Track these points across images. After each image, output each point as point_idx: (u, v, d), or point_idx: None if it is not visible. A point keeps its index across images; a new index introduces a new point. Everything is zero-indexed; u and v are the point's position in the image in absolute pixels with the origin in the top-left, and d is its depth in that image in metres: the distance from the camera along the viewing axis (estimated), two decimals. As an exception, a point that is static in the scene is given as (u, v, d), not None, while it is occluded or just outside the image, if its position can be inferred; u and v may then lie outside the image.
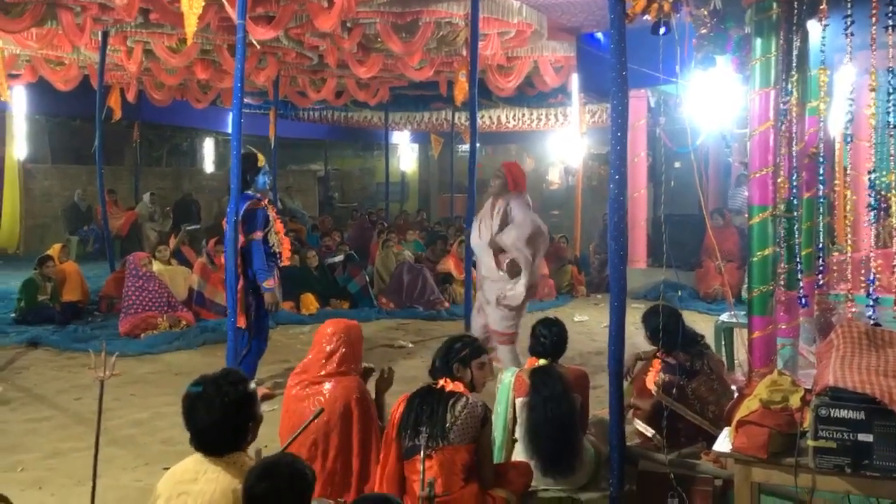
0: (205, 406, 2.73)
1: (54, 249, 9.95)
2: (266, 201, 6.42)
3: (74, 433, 5.47)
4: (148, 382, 6.81)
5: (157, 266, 9.32)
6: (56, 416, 5.90)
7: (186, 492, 2.72)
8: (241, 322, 6.09)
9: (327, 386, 4.09)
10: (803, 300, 4.52)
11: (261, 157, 6.40)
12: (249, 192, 6.24)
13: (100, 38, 10.15)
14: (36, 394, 6.49)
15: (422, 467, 3.26)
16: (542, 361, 4.35)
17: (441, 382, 3.70)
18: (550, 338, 4.38)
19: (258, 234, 6.17)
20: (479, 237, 6.74)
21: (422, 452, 3.27)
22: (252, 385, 2.96)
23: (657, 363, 4.68)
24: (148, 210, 15.70)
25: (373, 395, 4.31)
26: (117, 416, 5.80)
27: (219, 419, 2.73)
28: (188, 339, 8.28)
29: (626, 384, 4.57)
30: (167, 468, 2.91)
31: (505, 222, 6.54)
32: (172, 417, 5.67)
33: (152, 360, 7.60)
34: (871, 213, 3.95)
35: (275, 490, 2.50)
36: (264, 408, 5.81)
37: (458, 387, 3.71)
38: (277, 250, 6.36)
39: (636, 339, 6.83)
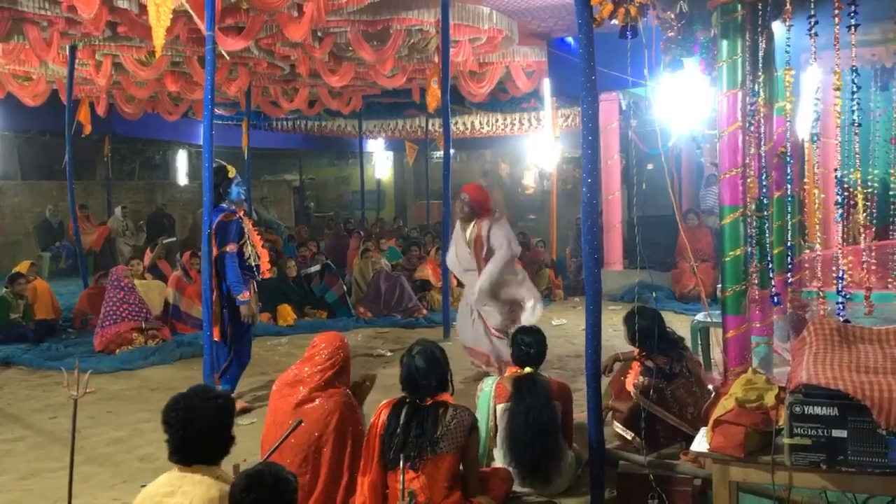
0: (199, 413, 2.76)
1: (23, 266, 9.79)
2: (241, 213, 6.36)
3: (50, 453, 5.39)
4: (124, 399, 6.73)
5: (130, 280, 9.22)
6: (31, 436, 5.82)
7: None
8: (216, 335, 6.04)
9: (318, 402, 3.99)
10: (776, 298, 4.58)
11: (231, 168, 6.35)
12: (224, 204, 6.21)
13: (67, 53, 10.06)
14: (9, 413, 6.39)
15: (402, 477, 3.26)
16: (527, 369, 4.37)
17: (430, 401, 3.69)
18: (534, 346, 4.40)
19: (232, 247, 6.10)
20: (458, 262, 6.84)
21: (401, 463, 3.27)
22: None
23: (636, 365, 4.71)
24: (119, 224, 15.54)
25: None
26: (94, 434, 5.72)
27: (214, 423, 2.78)
28: (164, 353, 8.18)
29: (603, 384, 4.59)
30: (145, 485, 2.89)
31: (482, 246, 6.59)
32: (150, 434, 5.61)
33: (128, 376, 7.50)
34: (839, 210, 4.00)
35: (262, 500, 2.51)
36: (243, 421, 5.83)
37: (445, 396, 3.73)
38: (254, 263, 6.29)
39: (614, 341, 6.87)
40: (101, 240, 15.10)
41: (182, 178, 21.48)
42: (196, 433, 2.75)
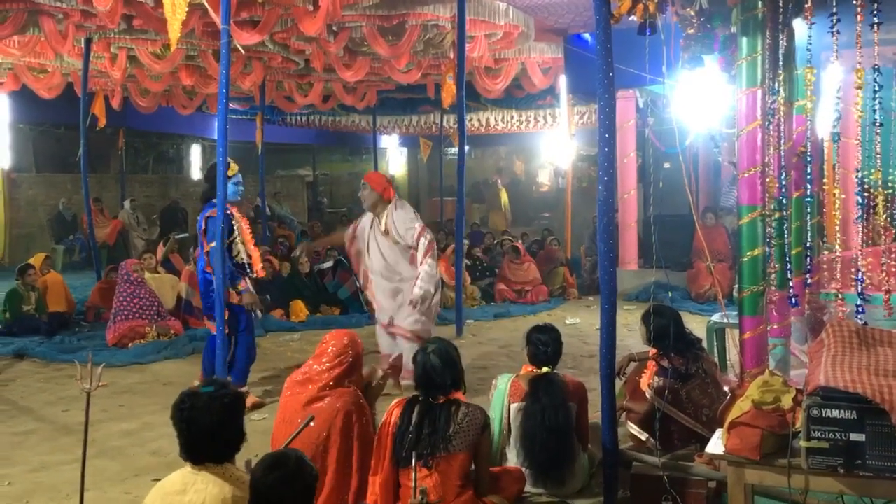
0: (205, 412, 2.74)
1: (36, 259, 9.83)
2: (234, 210, 6.18)
3: (62, 445, 5.40)
4: (136, 393, 6.74)
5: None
6: (43, 428, 5.83)
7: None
8: (212, 327, 6.03)
9: (327, 401, 3.97)
10: (794, 300, 4.52)
11: (233, 165, 6.13)
12: (215, 200, 6.10)
13: (83, 45, 10.08)
14: (22, 406, 6.41)
15: (414, 475, 3.24)
16: (545, 369, 4.33)
17: (442, 399, 3.67)
18: (550, 345, 4.36)
19: (213, 244, 5.94)
20: (384, 258, 6.60)
21: (413, 461, 3.25)
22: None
23: (651, 365, 4.66)
24: (129, 217, 15.61)
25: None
26: (106, 428, 5.73)
27: (220, 421, 2.75)
28: (176, 348, 8.20)
29: (618, 385, 4.55)
30: (157, 479, 2.89)
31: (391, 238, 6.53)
32: (161, 428, 5.62)
33: (140, 370, 7.52)
34: (859, 211, 3.94)
35: (285, 479, 2.54)
36: (255, 417, 5.82)
37: (458, 394, 3.71)
38: (245, 261, 6.18)
39: (628, 341, 6.82)
40: (115, 233, 15.18)
41: (196, 173, 21.56)
42: (203, 432, 2.74)
